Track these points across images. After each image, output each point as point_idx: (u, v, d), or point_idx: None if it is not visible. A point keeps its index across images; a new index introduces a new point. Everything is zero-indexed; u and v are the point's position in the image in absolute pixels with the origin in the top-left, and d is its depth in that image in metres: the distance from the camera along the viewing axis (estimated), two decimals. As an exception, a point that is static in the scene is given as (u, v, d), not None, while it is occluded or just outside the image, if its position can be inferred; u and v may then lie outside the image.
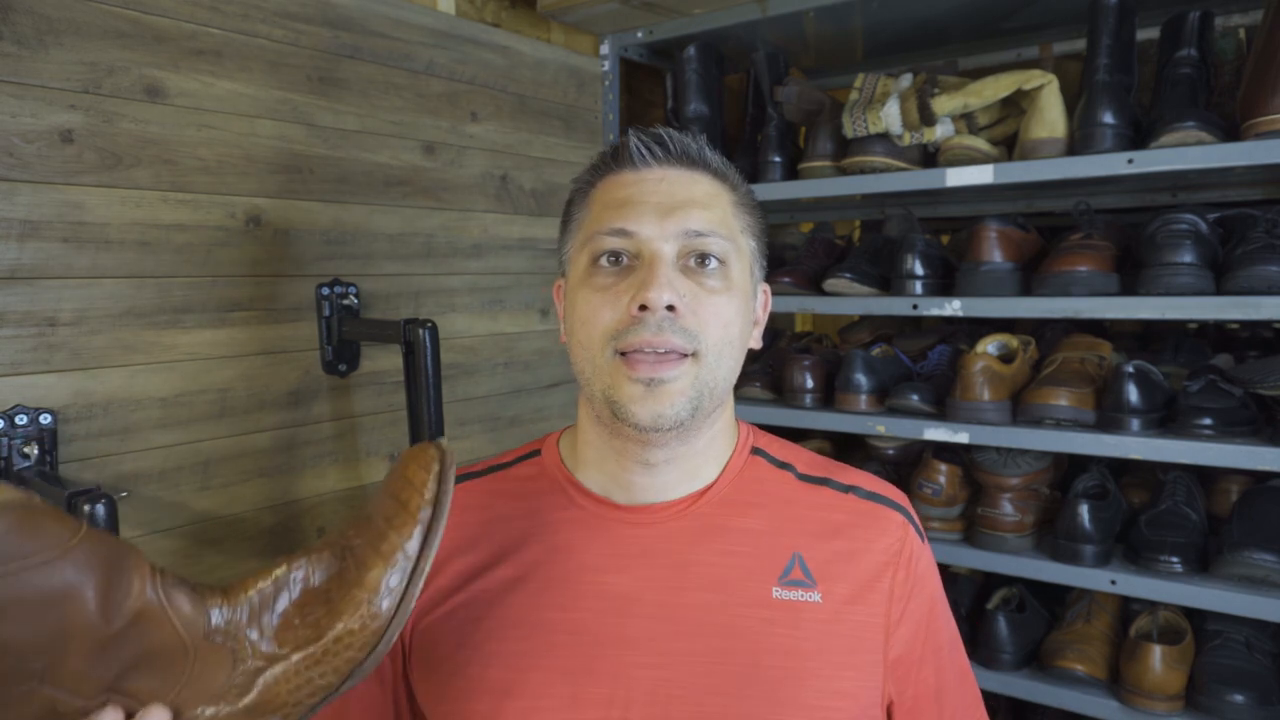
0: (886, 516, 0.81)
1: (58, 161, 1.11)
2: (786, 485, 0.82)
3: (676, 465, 0.78)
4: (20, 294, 1.09)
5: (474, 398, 1.70)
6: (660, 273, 0.72)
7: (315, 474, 1.44)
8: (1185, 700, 1.36)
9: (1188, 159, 1.29)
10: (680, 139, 0.78)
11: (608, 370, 0.73)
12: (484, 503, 0.83)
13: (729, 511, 0.79)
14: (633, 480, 0.79)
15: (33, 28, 1.08)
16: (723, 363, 0.75)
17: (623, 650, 0.73)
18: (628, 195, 0.76)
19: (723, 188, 0.80)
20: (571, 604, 0.75)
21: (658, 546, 0.77)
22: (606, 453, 0.79)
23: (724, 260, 0.76)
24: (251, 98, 1.31)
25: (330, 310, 1.42)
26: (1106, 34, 1.40)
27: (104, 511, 0.91)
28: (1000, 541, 1.54)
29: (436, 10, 1.61)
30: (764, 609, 0.75)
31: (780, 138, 1.75)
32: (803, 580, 0.76)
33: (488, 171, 1.70)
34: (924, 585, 0.81)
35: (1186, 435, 1.36)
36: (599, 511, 0.79)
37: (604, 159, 0.81)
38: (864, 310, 1.84)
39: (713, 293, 0.74)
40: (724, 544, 0.77)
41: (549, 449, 0.86)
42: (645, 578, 0.76)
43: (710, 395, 0.74)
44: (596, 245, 0.75)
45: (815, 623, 0.75)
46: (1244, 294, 1.28)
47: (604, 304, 0.73)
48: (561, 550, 0.78)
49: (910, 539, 0.81)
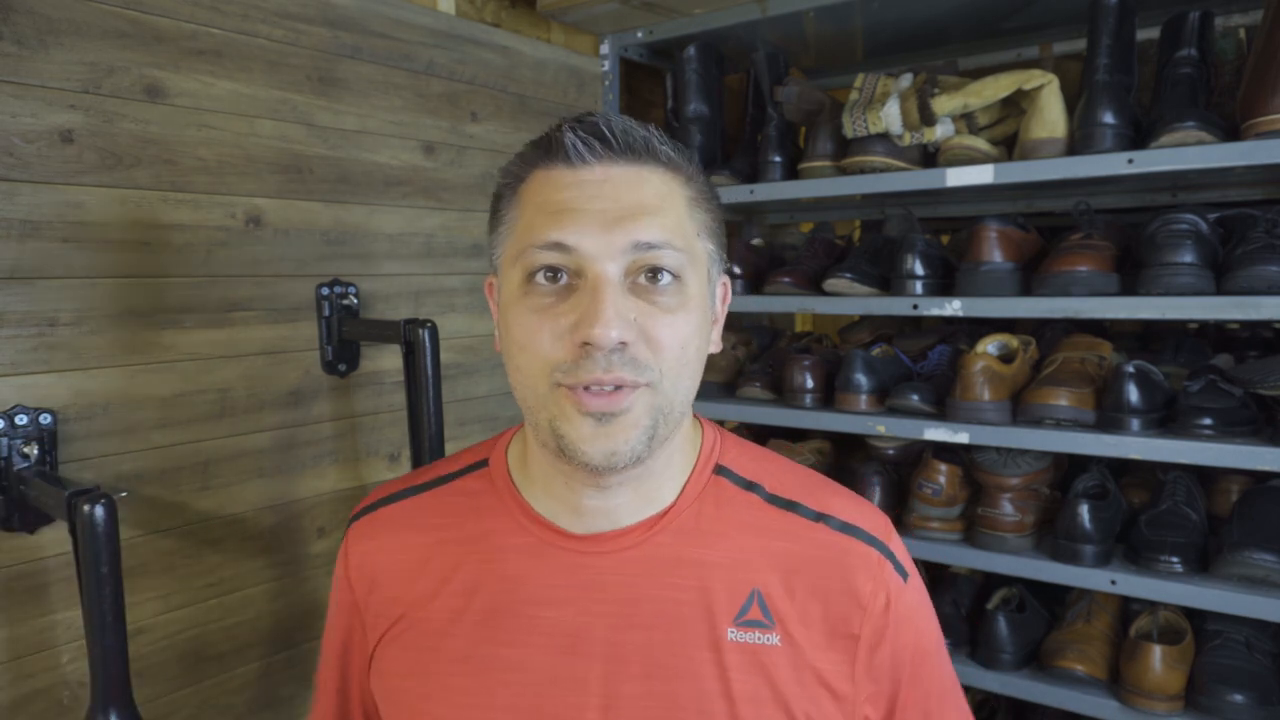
0: (860, 553, 0.72)
1: (58, 161, 1.11)
2: (751, 510, 0.74)
3: (630, 488, 0.71)
4: (20, 294, 1.09)
5: (474, 398, 1.70)
6: (606, 304, 0.62)
7: (315, 474, 1.44)
8: (1185, 700, 1.36)
9: (1188, 159, 1.29)
10: (624, 128, 0.67)
11: (552, 401, 0.65)
12: (432, 521, 0.77)
13: (685, 542, 0.72)
14: (583, 504, 0.72)
15: (33, 28, 1.08)
16: (680, 384, 0.67)
17: (569, 691, 0.68)
18: (564, 200, 0.66)
19: (675, 182, 0.69)
20: (519, 640, 0.70)
21: (608, 580, 0.71)
22: (555, 476, 0.72)
23: (678, 274, 0.66)
24: (251, 98, 1.31)
25: (330, 310, 1.42)
26: (1106, 34, 1.40)
27: (104, 511, 0.91)
28: (1000, 541, 1.54)
29: (436, 10, 1.61)
30: (717, 652, 0.68)
31: (780, 138, 1.75)
32: (760, 620, 0.69)
33: (488, 171, 1.70)
34: (904, 629, 0.73)
35: (1186, 435, 1.36)
36: (548, 539, 0.73)
37: (534, 149, 0.70)
38: (864, 310, 1.84)
39: (667, 311, 0.65)
40: (678, 577, 0.70)
41: (497, 459, 0.79)
42: (595, 613, 0.70)
43: (666, 420, 0.67)
44: (530, 260, 0.66)
45: (771, 669, 0.68)
46: (1244, 294, 1.28)
47: (541, 329, 0.64)
48: (509, 580, 0.72)
49: (887, 578, 0.72)
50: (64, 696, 1.14)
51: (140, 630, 1.21)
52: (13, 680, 1.10)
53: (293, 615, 1.41)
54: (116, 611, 0.93)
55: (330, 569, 1.46)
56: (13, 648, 1.10)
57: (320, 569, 1.45)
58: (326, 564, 1.46)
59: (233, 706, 1.34)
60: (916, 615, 0.75)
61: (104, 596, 0.92)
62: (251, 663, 1.36)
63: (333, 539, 1.47)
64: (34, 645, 1.12)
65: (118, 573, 0.93)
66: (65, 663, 1.14)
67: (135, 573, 1.20)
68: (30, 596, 1.11)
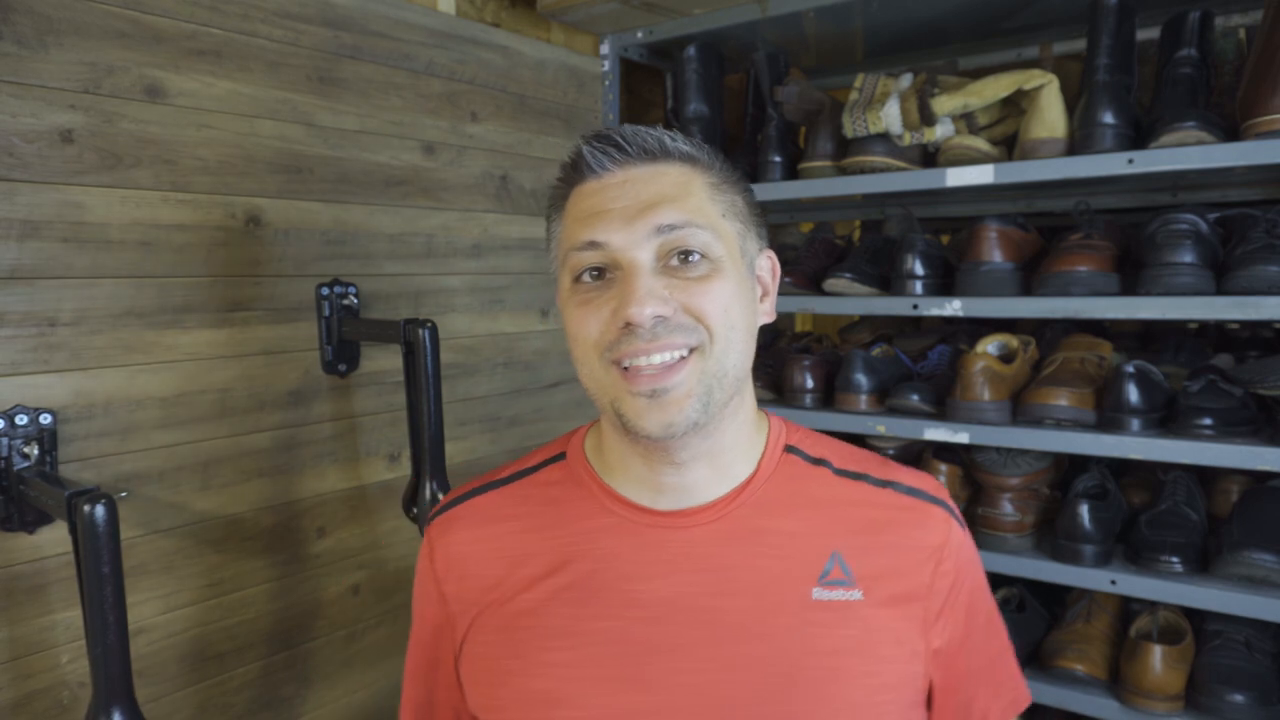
0: (927, 511, 0.80)
1: (58, 161, 1.11)
2: (823, 483, 0.80)
3: (704, 461, 0.76)
4: (20, 294, 1.09)
5: (474, 398, 1.70)
6: (639, 285, 0.69)
7: (315, 474, 1.44)
8: (1185, 700, 1.36)
9: (1188, 159, 1.29)
10: (636, 134, 0.74)
11: (609, 383, 0.72)
12: (515, 512, 0.82)
13: (765, 513, 0.77)
14: (663, 481, 0.77)
15: (33, 28, 1.08)
16: (731, 350, 0.72)
17: (668, 658, 0.73)
18: (593, 205, 0.73)
19: (694, 172, 0.75)
20: (615, 613, 0.75)
21: (695, 551, 0.76)
22: (632, 457, 0.77)
23: (706, 252, 0.72)
24: (251, 98, 1.31)
25: (330, 310, 1.42)
26: (1106, 34, 1.40)
27: (104, 511, 0.91)
28: (1000, 541, 1.54)
29: (436, 10, 1.61)
30: (804, 611, 0.74)
31: (780, 138, 1.75)
32: (842, 579, 0.75)
33: (488, 171, 1.70)
34: (966, 570, 0.80)
35: (1186, 435, 1.36)
36: (634, 518, 0.78)
37: (566, 170, 0.78)
38: (864, 310, 1.84)
39: (702, 280, 0.71)
40: (761, 547, 0.76)
41: (574, 451, 0.84)
42: (685, 584, 0.75)
43: (720, 385, 0.72)
44: (573, 263, 0.73)
45: (857, 620, 0.74)
46: (1244, 294, 1.28)
47: (588, 317, 0.72)
48: (600, 559, 0.77)
49: (953, 532, 0.80)
50: (64, 696, 1.14)
51: (140, 630, 1.21)
52: (13, 680, 1.10)
53: (293, 615, 1.42)
54: (117, 611, 0.93)
55: (330, 568, 1.47)
56: (13, 648, 1.10)
57: (320, 569, 1.45)
58: (327, 564, 1.46)
59: (233, 706, 1.34)
60: (972, 562, 0.83)
61: (104, 596, 0.92)
62: (251, 663, 1.36)
63: (333, 539, 1.47)
64: (34, 645, 1.12)
65: (118, 573, 0.93)
66: (65, 663, 1.14)
67: (135, 573, 1.20)
68: (30, 596, 1.11)
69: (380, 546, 1.54)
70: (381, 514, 1.54)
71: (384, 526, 1.55)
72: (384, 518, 1.55)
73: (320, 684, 1.47)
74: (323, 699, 1.47)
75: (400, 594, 1.58)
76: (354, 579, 1.51)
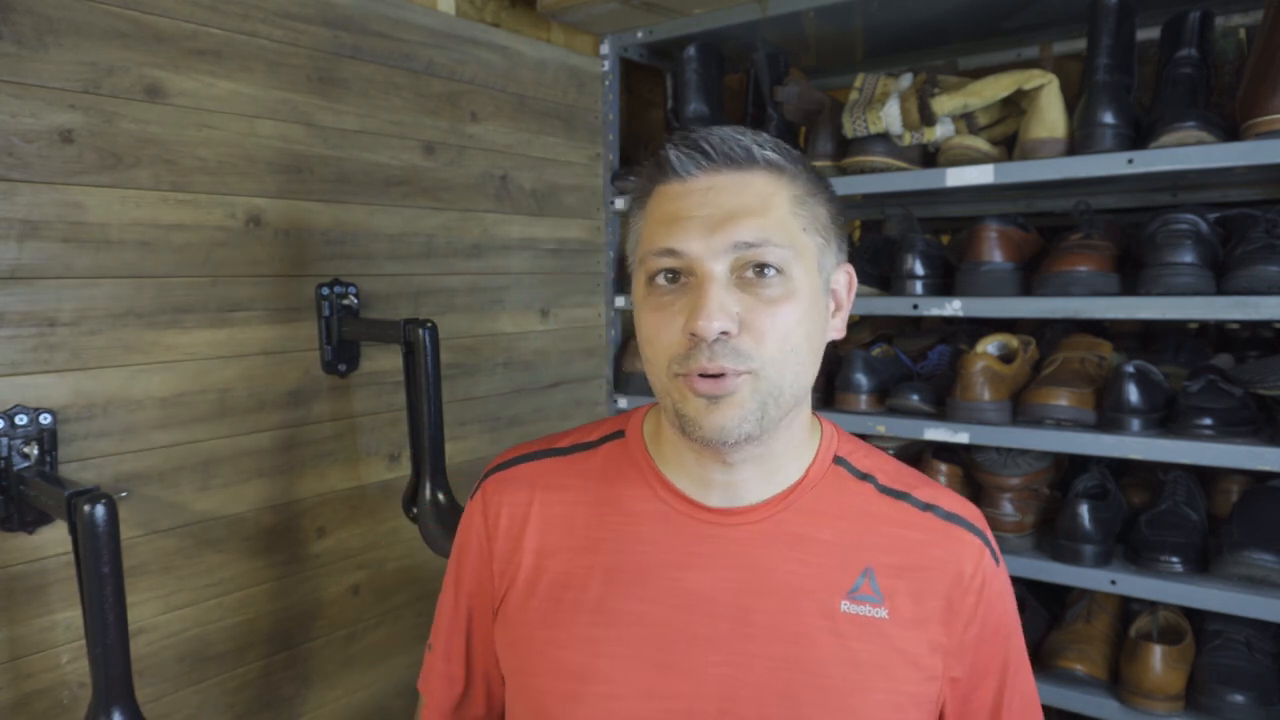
0: (962, 539, 0.80)
1: (58, 161, 1.11)
2: (866, 498, 0.82)
3: (755, 465, 0.78)
4: (20, 294, 1.09)
5: (474, 398, 1.70)
6: (710, 298, 0.70)
7: (315, 474, 1.44)
8: (1185, 700, 1.36)
9: (1188, 159, 1.29)
10: (723, 139, 0.74)
11: (673, 388, 0.74)
12: (570, 482, 0.84)
13: (807, 521, 0.79)
14: (713, 479, 0.79)
15: (33, 28, 1.08)
16: (785, 373, 0.73)
17: (698, 648, 0.75)
18: (674, 210, 0.74)
19: (780, 183, 0.75)
20: (651, 597, 0.77)
21: (736, 549, 0.78)
22: (685, 452, 0.79)
23: (782, 269, 0.72)
24: (251, 98, 1.31)
25: (330, 310, 1.42)
26: (1106, 34, 1.41)
27: (104, 511, 0.91)
28: (1000, 541, 1.53)
29: (436, 10, 1.61)
30: (832, 620, 0.75)
31: (780, 138, 1.74)
32: (871, 596, 0.76)
33: (488, 171, 1.70)
34: (994, 607, 0.81)
35: (1186, 435, 1.36)
36: (682, 509, 0.80)
37: (651, 167, 0.78)
38: (864, 310, 1.84)
39: (771, 303, 0.72)
40: (800, 553, 0.78)
41: (634, 432, 0.85)
42: (722, 579, 0.77)
43: (775, 403, 0.73)
44: (650, 265, 0.75)
45: (880, 638, 0.75)
46: (1244, 294, 1.28)
47: (662, 325, 0.73)
48: (644, 543, 0.79)
49: (985, 563, 0.80)
50: (64, 696, 1.14)
51: (140, 630, 1.21)
52: (13, 680, 1.10)
53: (293, 615, 1.42)
54: (118, 611, 0.92)
55: (330, 568, 1.47)
56: (13, 648, 1.10)
57: (320, 569, 1.45)
58: (326, 564, 1.46)
59: (233, 706, 1.34)
60: (1005, 593, 0.83)
61: (104, 596, 0.92)
62: (251, 663, 1.36)
63: (333, 539, 1.47)
64: (34, 645, 1.12)
65: (118, 573, 0.93)
66: (65, 663, 1.14)
67: (135, 573, 1.20)
68: (30, 596, 1.11)
69: (380, 546, 1.54)
70: (381, 514, 1.54)
71: (384, 526, 1.55)
72: (384, 518, 1.55)
73: (320, 684, 1.47)
74: (323, 699, 1.47)
75: (400, 594, 1.58)
76: (354, 579, 1.51)
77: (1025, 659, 0.86)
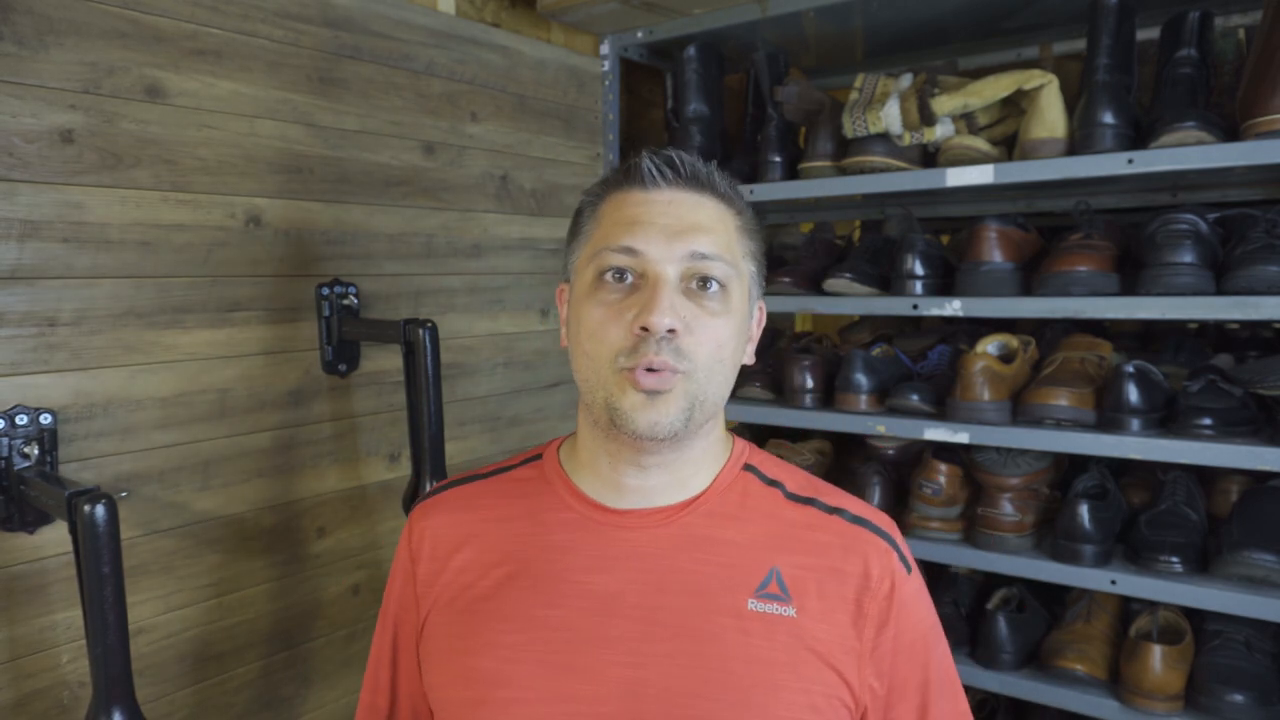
0: (869, 541, 0.82)
1: (58, 161, 1.11)
2: (773, 502, 0.84)
3: (667, 470, 0.81)
4: (20, 294, 1.09)
5: (474, 398, 1.70)
6: (663, 296, 0.74)
7: (315, 474, 1.44)
8: (1185, 700, 1.36)
9: (1188, 159, 1.29)
10: (691, 162, 0.80)
11: (612, 382, 0.76)
12: (486, 503, 0.87)
13: (713, 523, 0.81)
14: (624, 482, 0.81)
15: (33, 28, 1.08)
16: (713, 380, 0.77)
17: (602, 649, 0.76)
18: (636, 214, 0.78)
19: (728, 212, 0.82)
20: (559, 602, 0.79)
21: (643, 551, 0.80)
22: (600, 456, 0.82)
23: (725, 284, 0.78)
24: (251, 98, 1.31)
25: (330, 310, 1.42)
26: (1106, 34, 1.40)
27: (104, 511, 0.91)
28: (1000, 541, 1.54)
29: (436, 10, 1.61)
30: (739, 619, 0.77)
31: (780, 138, 1.75)
32: (778, 594, 0.78)
33: (488, 171, 1.70)
34: (907, 614, 0.81)
35: (1186, 435, 1.36)
36: (590, 514, 0.82)
37: (616, 175, 0.83)
38: (864, 310, 1.84)
39: (712, 315, 0.77)
40: (706, 553, 0.80)
41: (550, 453, 0.89)
42: (628, 580, 0.79)
43: (700, 408, 0.77)
44: (603, 260, 0.78)
45: (788, 636, 0.76)
46: (1244, 294, 1.28)
47: (610, 320, 0.76)
48: (556, 550, 0.81)
49: (893, 566, 0.81)
50: (64, 696, 1.14)
51: (140, 630, 1.21)
52: (13, 680, 1.10)
53: (293, 615, 1.42)
54: (118, 611, 0.93)
55: (330, 568, 1.47)
56: (13, 648, 1.10)
57: (320, 569, 1.45)
58: (326, 564, 1.46)
59: (233, 706, 1.34)
60: (918, 604, 0.84)
61: (105, 596, 0.92)
62: (251, 663, 1.36)
63: (333, 539, 1.47)
64: (34, 645, 1.12)
65: (119, 573, 0.93)
66: (65, 663, 1.14)
67: (135, 573, 1.20)
68: (30, 596, 1.11)
69: (380, 546, 1.54)
70: (381, 514, 1.54)
71: (384, 526, 1.55)
72: (384, 518, 1.55)
73: (320, 684, 1.47)
74: (323, 699, 1.47)
75: (400, 594, 1.58)
76: (354, 579, 1.51)
77: (953, 681, 0.85)
